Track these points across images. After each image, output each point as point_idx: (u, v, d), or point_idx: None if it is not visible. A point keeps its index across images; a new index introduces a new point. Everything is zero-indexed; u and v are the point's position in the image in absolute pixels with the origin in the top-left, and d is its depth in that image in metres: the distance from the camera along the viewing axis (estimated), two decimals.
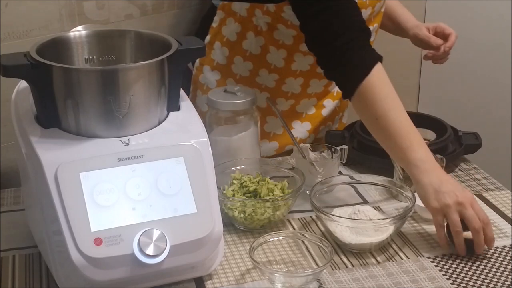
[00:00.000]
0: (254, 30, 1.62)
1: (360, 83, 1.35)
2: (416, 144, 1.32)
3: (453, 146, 1.65)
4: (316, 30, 1.39)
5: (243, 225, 1.37)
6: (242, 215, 1.35)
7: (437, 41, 1.69)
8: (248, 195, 1.40)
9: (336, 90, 1.71)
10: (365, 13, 1.54)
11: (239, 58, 1.65)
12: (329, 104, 1.73)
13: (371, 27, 1.60)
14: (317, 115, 1.72)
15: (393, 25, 1.77)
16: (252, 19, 1.60)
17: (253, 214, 1.34)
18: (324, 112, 1.73)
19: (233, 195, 1.39)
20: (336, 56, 1.38)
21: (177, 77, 1.25)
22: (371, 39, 1.62)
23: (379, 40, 1.67)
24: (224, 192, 1.39)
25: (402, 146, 1.33)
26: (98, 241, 1.10)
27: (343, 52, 1.36)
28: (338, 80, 1.42)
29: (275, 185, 1.42)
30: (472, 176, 1.60)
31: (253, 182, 1.41)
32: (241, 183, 1.41)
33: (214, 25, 1.69)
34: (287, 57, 1.62)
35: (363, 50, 1.38)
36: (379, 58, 1.38)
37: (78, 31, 1.30)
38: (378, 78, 1.36)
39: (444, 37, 1.69)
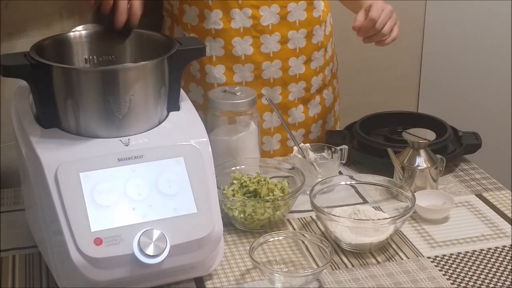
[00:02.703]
0: (173, 17, 1.67)
1: None
2: None
3: (453, 146, 1.65)
4: None
5: (243, 225, 1.37)
6: (242, 215, 1.35)
7: (355, 22, 1.58)
8: (248, 195, 1.40)
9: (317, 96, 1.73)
10: None
11: (193, 84, 1.69)
12: (315, 103, 1.73)
13: None
14: (307, 119, 1.73)
15: (353, 4, 1.72)
16: (171, 8, 1.67)
17: (253, 214, 1.34)
18: (311, 112, 1.73)
19: (233, 195, 1.39)
20: None
21: (177, 77, 1.25)
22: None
23: None
24: (224, 192, 1.39)
25: None
26: (98, 241, 1.10)
27: None
28: None
29: (275, 185, 1.42)
30: (472, 176, 1.60)
31: (253, 182, 1.41)
32: (241, 183, 1.41)
33: (163, 29, 1.74)
34: (200, 15, 1.64)
35: None
36: None
37: (78, 31, 1.31)
38: None
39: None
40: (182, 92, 1.30)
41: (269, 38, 1.63)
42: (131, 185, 1.15)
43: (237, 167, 1.47)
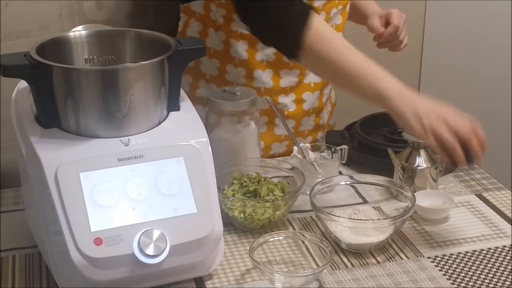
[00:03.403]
0: (214, 25, 1.61)
1: (305, 33, 1.31)
2: (383, 76, 1.31)
3: None
4: (247, 6, 1.39)
5: (243, 225, 1.37)
6: (242, 215, 1.35)
7: (379, 30, 1.68)
8: (248, 195, 1.40)
9: (312, 81, 1.70)
10: None
11: (205, 57, 1.64)
12: (308, 98, 1.71)
13: (334, 9, 1.62)
14: (299, 111, 1.71)
15: (356, 16, 1.75)
16: (210, 15, 1.60)
17: (253, 214, 1.34)
18: (306, 106, 1.71)
19: (233, 195, 1.39)
20: (267, 16, 1.35)
21: (177, 77, 1.25)
22: (338, 22, 1.65)
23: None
24: (224, 192, 1.39)
25: (371, 82, 1.30)
26: (98, 241, 1.10)
27: (275, 11, 1.34)
28: (278, 38, 1.37)
29: (275, 185, 1.42)
30: (472, 176, 1.60)
31: (253, 182, 1.41)
32: (241, 183, 1.41)
33: (179, 29, 1.68)
34: (249, 48, 1.60)
35: (292, 4, 1.35)
36: (311, 8, 1.37)
37: (78, 31, 1.31)
38: (320, 24, 1.34)
39: (387, 26, 1.69)
40: (182, 92, 1.30)
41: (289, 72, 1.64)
42: (131, 185, 1.15)
43: (237, 167, 1.47)
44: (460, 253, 1.30)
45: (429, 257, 1.29)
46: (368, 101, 1.34)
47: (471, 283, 1.22)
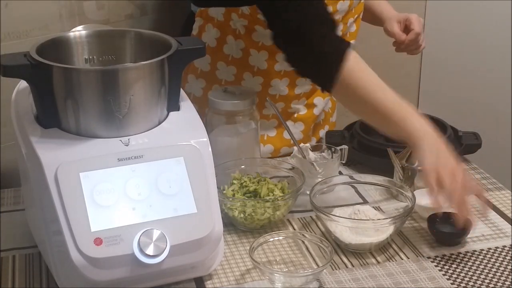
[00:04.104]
0: (233, 34, 1.60)
1: (339, 70, 1.33)
2: (409, 115, 1.33)
3: (453, 146, 1.64)
4: (280, 27, 1.38)
5: (243, 225, 1.37)
6: (242, 215, 1.35)
7: (401, 37, 1.69)
8: (248, 195, 1.40)
9: None
10: (343, 4, 1.55)
11: (222, 63, 1.64)
12: (319, 102, 1.72)
13: (351, 19, 1.61)
14: (309, 115, 1.72)
15: (369, 15, 1.76)
16: (230, 23, 1.59)
17: (253, 214, 1.34)
18: (316, 111, 1.72)
19: (233, 195, 1.39)
20: (305, 50, 1.36)
21: (177, 77, 1.25)
22: (352, 30, 1.64)
23: (379, 40, 1.68)
24: (224, 192, 1.39)
25: (397, 121, 1.33)
26: (98, 241, 1.10)
27: (311, 45, 1.35)
28: (315, 72, 1.39)
29: (275, 185, 1.42)
30: (472, 176, 1.60)
31: (253, 182, 1.41)
32: (241, 183, 1.41)
33: (194, 32, 1.67)
34: (268, 59, 1.61)
35: (329, 39, 1.36)
36: (348, 44, 1.38)
37: (78, 31, 1.30)
38: (355, 62, 1.35)
39: (408, 32, 1.69)
40: (182, 92, 1.30)
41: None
42: (131, 185, 1.15)
43: (237, 167, 1.47)
44: (460, 253, 1.30)
45: (429, 257, 1.29)
46: (395, 136, 1.38)
47: (471, 283, 1.22)
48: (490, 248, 1.32)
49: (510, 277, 1.24)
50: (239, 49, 1.61)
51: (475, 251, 1.31)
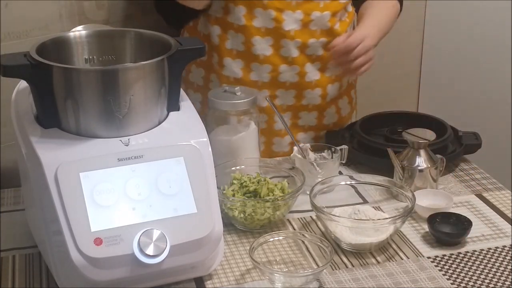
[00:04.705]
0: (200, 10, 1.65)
1: None
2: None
3: (453, 146, 1.65)
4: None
5: (243, 225, 1.37)
6: (242, 215, 1.35)
7: (334, 41, 1.55)
8: (248, 195, 1.40)
9: (288, 80, 1.69)
10: None
11: (213, 75, 1.68)
12: (331, 112, 1.73)
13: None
14: (319, 125, 1.73)
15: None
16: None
17: (253, 214, 1.34)
18: (327, 121, 1.73)
19: (233, 195, 1.39)
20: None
21: (177, 77, 1.25)
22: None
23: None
24: (224, 192, 1.39)
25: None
26: (98, 241, 1.10)
27: None
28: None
29: (275, 185, 1.42)
30: (472, 176, 1.60)
31: (253, 182, 1.41)
32: (241, 183, 1.41)
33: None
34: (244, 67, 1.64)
35: None
36: None
37: (78, 31, 1.31)
38: None
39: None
40: (182, 92, 1.30)
41: (290, 43, 1.62)
42: (131, 185, 1.15)
43: (237, 167, 1.47)
44: (460, 253, 1.30)
45: (429, 257, 1.29)
46: None
47: (471, 283, 1.22)
48: (490, 248, 1.32)
49: (510, 277, 1.24)
50: (204, 23, 1.66)
51: (475, 251, 1.31)
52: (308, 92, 1.68)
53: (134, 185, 1.15)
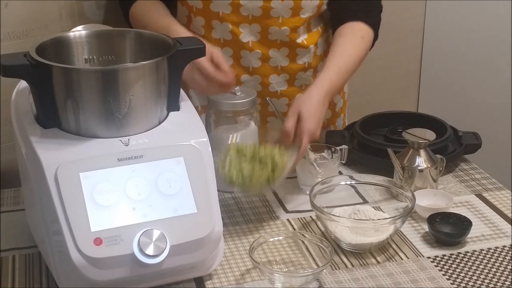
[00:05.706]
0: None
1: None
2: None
3: (453, 146, 1.65)
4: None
5: (241, 187, 1.30)
6: (240, 176, 1.28)
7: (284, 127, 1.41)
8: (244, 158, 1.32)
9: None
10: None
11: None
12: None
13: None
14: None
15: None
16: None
17: (251, 175, 1.27)
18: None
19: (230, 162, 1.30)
20: None
21: (177, 77, 1.25)
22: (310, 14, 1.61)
23: (379, 41, 1.67)
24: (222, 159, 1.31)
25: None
26: (98, 241, 1.10)
27: None
28: None
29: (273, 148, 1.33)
30: (472, 176, 1.60)
31: (250, 151, 1.32)
32: (238, 150, 1.32)
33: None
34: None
35: None
36: None
37: (78, 31, 1.31)
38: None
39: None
40: (182, 92, 1.30)
41: (249, 54, 1.62)
42: (131, 185, 1.15)
43: None
44: (460, 253, 1.30)
45: (429, 257, 1.29)
46: None
47: (471, 283, 1.22)
48: (490, 248, 1.32)
49: (510, 277, 1.24)
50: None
51: (475, 251, 1.31)
52: (273, 101, 1.64)
53: (134, 185, 1.15)
